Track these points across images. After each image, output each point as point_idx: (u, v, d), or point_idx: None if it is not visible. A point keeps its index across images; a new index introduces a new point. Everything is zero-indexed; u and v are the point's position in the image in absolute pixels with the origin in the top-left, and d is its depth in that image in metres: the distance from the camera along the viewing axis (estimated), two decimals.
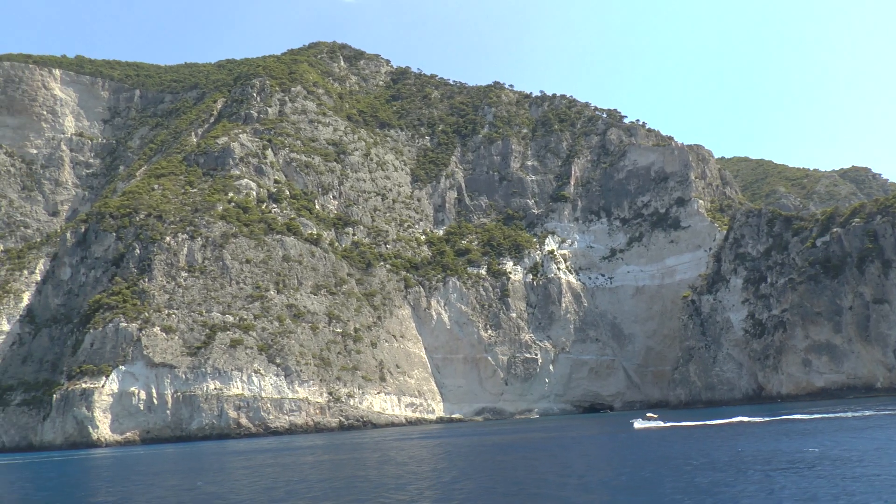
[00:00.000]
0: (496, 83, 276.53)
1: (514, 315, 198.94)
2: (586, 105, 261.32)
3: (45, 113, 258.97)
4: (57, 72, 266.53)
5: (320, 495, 45.13)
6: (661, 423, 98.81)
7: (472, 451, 77.53)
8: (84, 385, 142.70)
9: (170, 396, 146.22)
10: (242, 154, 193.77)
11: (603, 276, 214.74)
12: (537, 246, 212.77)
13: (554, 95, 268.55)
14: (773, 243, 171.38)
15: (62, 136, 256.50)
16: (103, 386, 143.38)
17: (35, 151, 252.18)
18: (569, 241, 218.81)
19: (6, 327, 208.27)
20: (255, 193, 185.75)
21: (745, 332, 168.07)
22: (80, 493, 59.30)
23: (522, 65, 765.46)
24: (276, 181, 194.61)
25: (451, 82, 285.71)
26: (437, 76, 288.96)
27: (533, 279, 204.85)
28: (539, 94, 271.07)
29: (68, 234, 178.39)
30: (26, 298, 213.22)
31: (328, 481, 54.36)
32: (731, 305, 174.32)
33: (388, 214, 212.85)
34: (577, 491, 40.77)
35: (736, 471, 43.57)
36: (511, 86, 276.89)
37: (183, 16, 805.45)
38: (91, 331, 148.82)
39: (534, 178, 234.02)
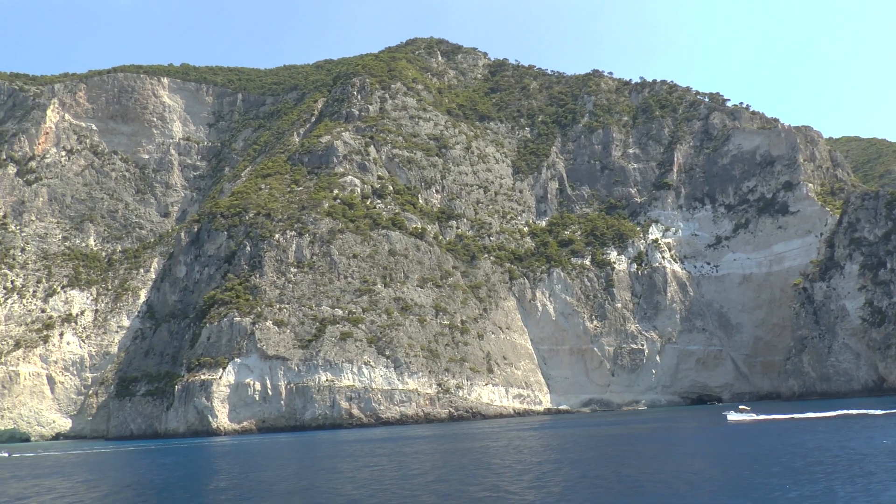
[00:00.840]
0: (595, 71, 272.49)
1: (619, 305, 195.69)
2: (687, 90, 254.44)
3: (155, 119, 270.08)
4: (165, 80, 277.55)
5: (447, 480, 45.18)
6: (753, 416, 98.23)
7: (572, 442, 76.92)
8: (203, 377, 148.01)
9: (283, 387, 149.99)
10: (346, 152, 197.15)
11: (708, 264, 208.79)
12: (641, 235, 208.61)
13: (654, 81, 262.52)
14: (892, 227, 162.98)
15: (171, 140, 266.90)
16: (220, 377, 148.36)
17: (147, 156, 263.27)
18: (673, 229, 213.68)
19: (126, 323, 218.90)
20: (359, 190, 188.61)
21: (862, 320, 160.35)
22: (217, 474, 61.20)
23: (621, 52, 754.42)
24: (379, 177, 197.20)
25: (549, 72, 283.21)
26: (534, 67, 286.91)
27: (637, 269, 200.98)
28: (639, 81, 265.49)
29: (182, 234, 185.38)
30: (143, 295, 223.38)
31: (452, 469, 54.44)
32: (847, 293, 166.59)
33: (490, 207, 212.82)
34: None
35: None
36: (610, 73, 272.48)
37: (280, 19, 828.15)
38: (207, 325, 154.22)
39: (636, 165, 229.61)
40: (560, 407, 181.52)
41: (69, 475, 69.57)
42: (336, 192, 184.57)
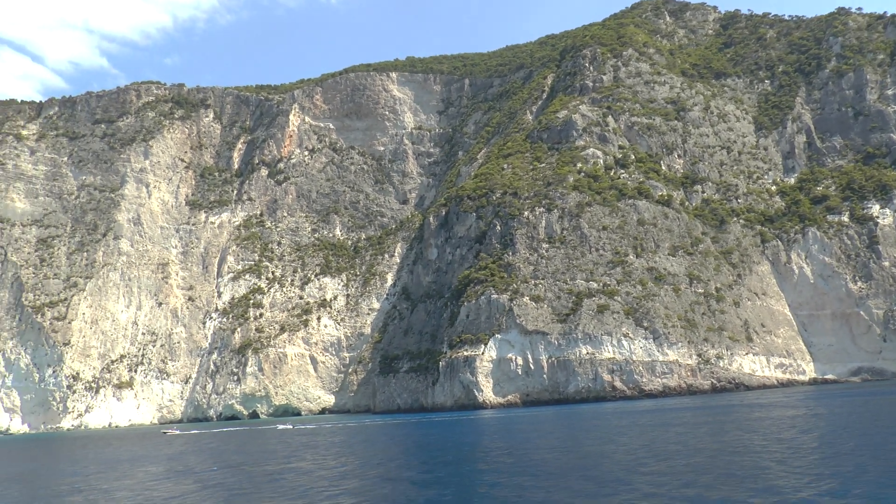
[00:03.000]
0: (840, 9, 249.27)
1: (886, 264, 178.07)
2: None
3: (387, 113, 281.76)
4: (394, 75, 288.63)
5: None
6: None
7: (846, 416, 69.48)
8: (466, 353, 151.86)
9: (545, 361, 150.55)
10: (584, 124, 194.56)
11: None
12: None
13: None
14: None
15: (404, 131, 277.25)
16: (483, 353, 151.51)
17: (382, 148, 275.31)
18: None
19: (376, 305, 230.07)
20: (601, 161, 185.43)
21: None
22: (502, 441, 61.07)
23: None
24: (620, 147, 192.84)
25: (786, 18, 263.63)
26: (769, 14, 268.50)
27: None
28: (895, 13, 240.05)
29: (431, 219, 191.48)
30: (389, 279, 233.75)
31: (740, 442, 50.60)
32: None
33: (735, 168, 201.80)
34: None
35: None
36: (859, 9, 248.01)
37: (497, 2, 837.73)
38: (465, 303, 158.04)
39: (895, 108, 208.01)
40: (826, 376, 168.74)
41: (372, 440, 72.70)
42: (579, 165, 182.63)
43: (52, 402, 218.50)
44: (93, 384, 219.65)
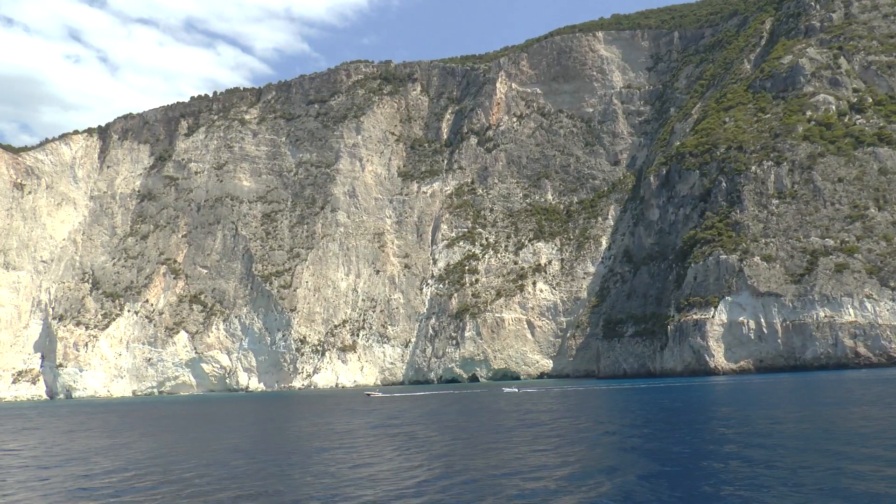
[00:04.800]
0: None
1: None
2: None
3: (594, 73, 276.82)
4: (599, 34, 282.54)
5: None
6: None
7: None
8: (695, 316, 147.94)
9: (779, 325, 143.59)
10: (813, 69, 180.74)
11: None
12: None
13: None
14: None
15: (612, 91, 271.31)
16: (713, 316, 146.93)
17: (591, 110, 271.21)
18: None
19: (591, 269, 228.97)
20: (834, 107, 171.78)
21: None
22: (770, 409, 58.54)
23: None
24: (855, 90, 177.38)
25: None
26: None
27: None
28: None
29: (651, 178, 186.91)
30: (604, 242, 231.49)
31: None
32: None
33: None
34: None
35: None
36: None
37: None
38: (692, 265, 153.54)
39: None
40: None
41: (622, 403, 72.66)
42: (809, 113, 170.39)
43: (283, 363, 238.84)
44: (318, 347, 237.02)
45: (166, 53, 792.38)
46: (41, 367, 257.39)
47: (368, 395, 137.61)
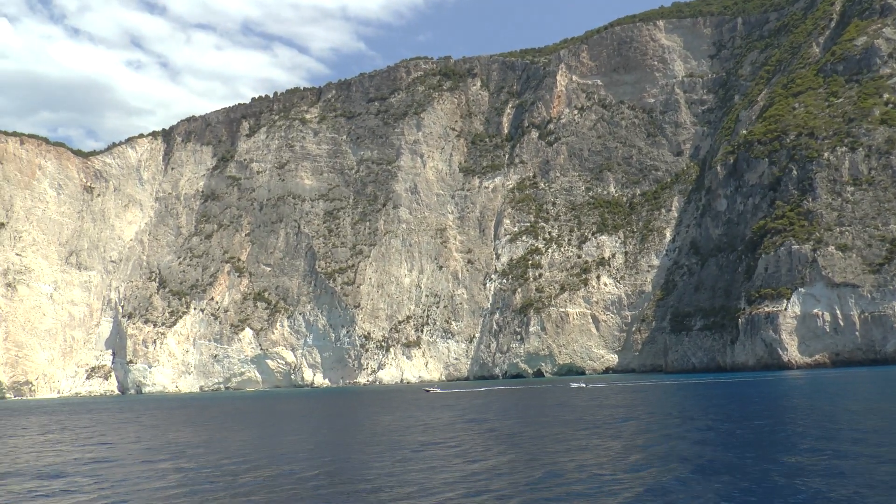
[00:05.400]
0: None
1: None
2: None
3: (655, 63, 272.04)
4: (660, 23, 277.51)
5: None
6: None
7: None
8: (767, 309, 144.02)
9: (856, 317, 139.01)
10: (890, 49, 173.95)
11: None
12: None
13: None
14: None
15: (674, 80, 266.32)
16: (785, 309, 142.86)
17: (652, 100, 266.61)
18: None
19: (656, 262, 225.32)
20: None
21: None
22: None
23: None
24: None
25: None
26: None
27: None
28: None
29: (718, 168, 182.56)
30: (668, 234, 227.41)
31: None
32: None
33: None
34: None
35: None
36: None
37: None
38: (763, 256, 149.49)
39: None
40: None
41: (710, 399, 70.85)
42: (886, 96, 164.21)
43: (347, 359, 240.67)
44: (383, 343, 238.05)
45: (224, 56, 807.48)
46: (112, 363, 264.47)
47: (427, 390, 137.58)
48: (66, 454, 47.06)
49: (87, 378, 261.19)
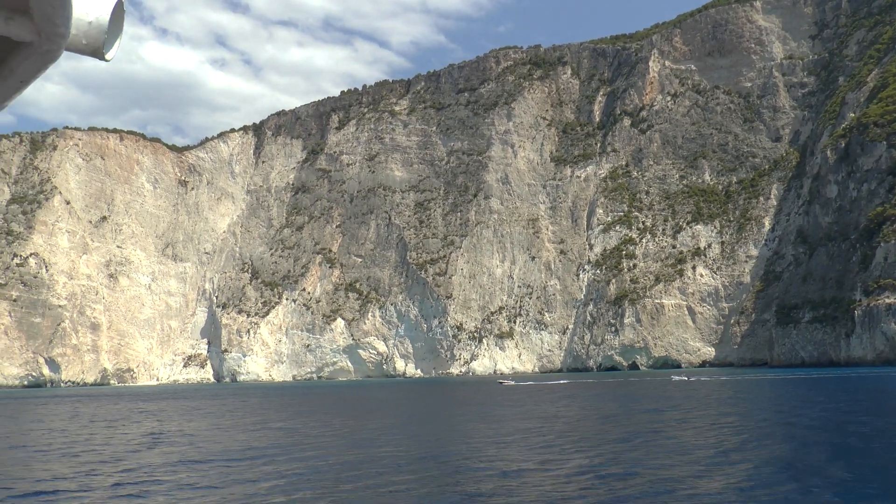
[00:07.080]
0: None
1: None
2: None
3: (752, 45, 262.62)
4: (757, 3, 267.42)
5: None
6: None
7: None
8: (887, 300, 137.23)
9: None
10: None
11: None
12: None
13: None
14: None
15: (772, 63, 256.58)
16: None
17: (749, 84, 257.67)
18: None
19: (754, 252, 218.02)
20: None
21: None
22: None
23: None
24: None
25: None
26: None
27: None
28: None
29: (828, 152, 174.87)
30: (767, 223, 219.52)
31: None
32: None
33: None
34: None
35: None
36: None
37: None
38: (882, 244, 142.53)
39: None
40: None
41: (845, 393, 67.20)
42: None
43: (439, 349, 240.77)
44: (475, 334, 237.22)
45: (306, 52, 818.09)
46: (208, 352, 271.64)
47: (501, 382, 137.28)
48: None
49: (184, 366, 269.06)
